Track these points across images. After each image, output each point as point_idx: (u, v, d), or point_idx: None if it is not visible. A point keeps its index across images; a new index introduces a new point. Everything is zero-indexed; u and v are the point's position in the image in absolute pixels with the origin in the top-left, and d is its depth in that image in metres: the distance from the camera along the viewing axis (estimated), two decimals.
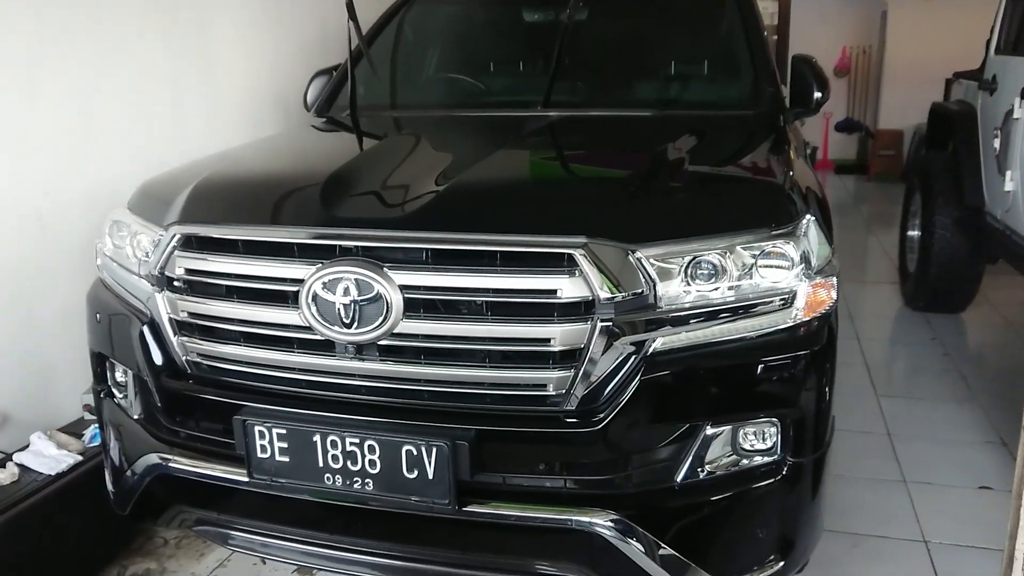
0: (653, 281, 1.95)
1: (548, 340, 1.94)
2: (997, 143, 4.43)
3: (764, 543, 2.12)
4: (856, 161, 12.63)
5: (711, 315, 2.00)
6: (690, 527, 2.05)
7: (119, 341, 2.46)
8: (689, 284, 1.99)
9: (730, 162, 2.53)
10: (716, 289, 2.00)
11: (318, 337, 2.06)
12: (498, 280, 1.94)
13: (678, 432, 2.01)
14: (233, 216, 2.24)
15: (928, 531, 3.07)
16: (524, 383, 1.99)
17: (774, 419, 2.06)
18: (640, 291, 1.94)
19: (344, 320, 2.00)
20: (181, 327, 2.25)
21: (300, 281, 2.04)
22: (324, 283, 2.00)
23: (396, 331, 1.99)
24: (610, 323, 1.92)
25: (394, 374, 2.05)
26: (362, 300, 1.98)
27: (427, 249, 1.99)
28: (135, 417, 2.42)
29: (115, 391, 2.55)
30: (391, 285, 1.97)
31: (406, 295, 1.97)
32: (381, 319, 1.98)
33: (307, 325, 2.05)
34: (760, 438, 2.08)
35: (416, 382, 2.04)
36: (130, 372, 2.43)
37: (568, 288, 1.91)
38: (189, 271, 2.19)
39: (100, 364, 2.57)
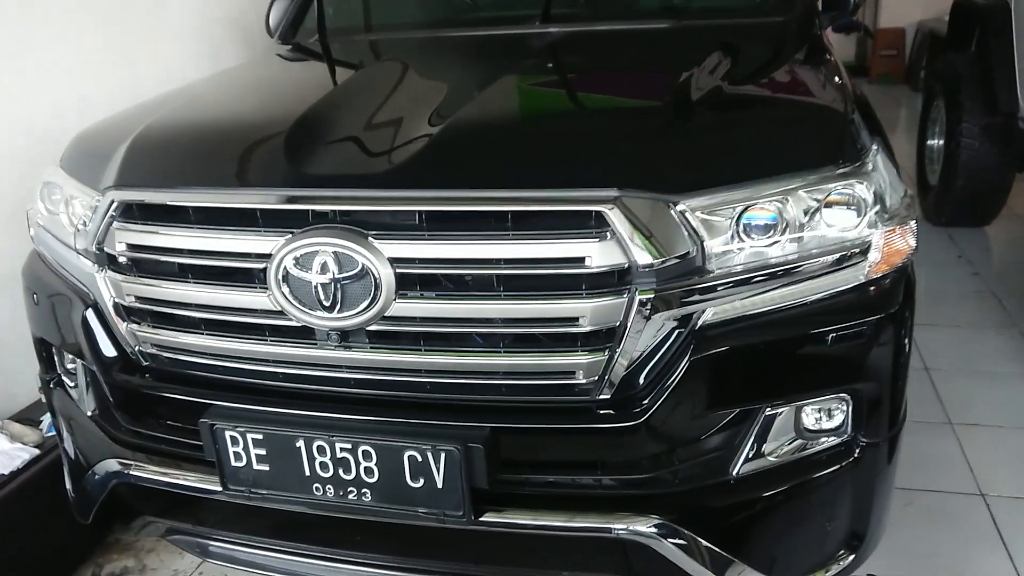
0: (700, 239, 1.58)
1: (575, 319, 1.58)
2: None
3: (832, 537, 1.81)
4: (856, 63, 12.07)
5: (770, 276, 1.64)
6: (748, 526, 1.74)
7: (63, 326, 2.08)
8: (742, 240, 1.62)
9: (774, 84, 2.12)
10: (774, 244, 1.63)
11: (293, 323, 1.70)
12: (511, 248, 1.57)
13: (733, 417, 1.68)
14: (181, 177, 1.84)
15: (984, 482, 2.80)
16: (547, 370, 1.64)
17: (845, 395, 1.72)
18: (685, 252, 1.57)
19: (323, 302, 1.63)
20: (129, 313, 1.87)
21: (267, 256, 1.66)
22: (296, 258, 1.63)
23: (388, 314, 1.63)
24: (651, 294, 1.56)
25: (388, 365, 1.69)
26: (344, 278, 1.61)
27: (421, 212, 1.60)
28: (89, 413, 2.08)
29: (66, 380, 2.20)
30: (379, 258, 1.59)
31: (398, 270, 1.60)
32: (369, 300, 1.61)
33: (279, 309, 1.68)
34: (828, 418, 1.75)
35: (415, 373, 1.69)
36: (78, 361, 2.08)
37: (598, 254, 1.54)
38: (132, 246, 1.81)
39: (45, 350, 2.21)
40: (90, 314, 1.94)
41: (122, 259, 1.83)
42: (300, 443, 1.68)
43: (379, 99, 2.05)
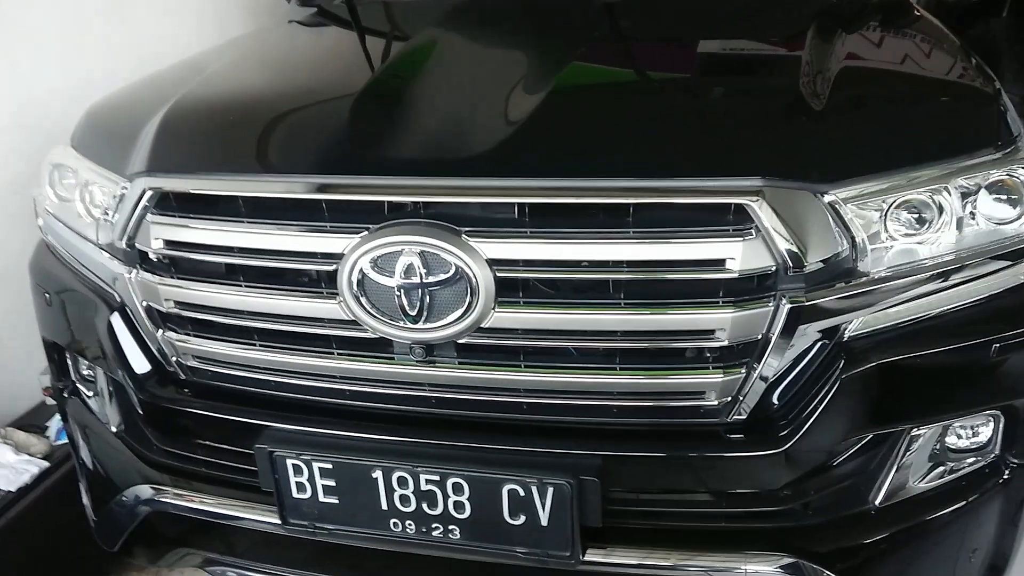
0: (852, 236, 1.35)
1: (711, 332, 1.35)
2: None
3: (972, 567, 1.61)
4: None
5: (926, 278, 1.41)
6: (888, 560, 1.53)
7: (81, 331, 1.82)
8: (894, 236, 1.39)
9: (910, 59, 1.86)
10: (929, 240, 1.41)
11: (369, 335, 1.45)
12: (634, 249, 1.33)
13: (877, 439, 1.46)
14: (228, 161, 1.57)
15: None
16: (672, 391, 1.41)
17: (996, 411, 1.51)
18: (838, 252, 1.34)
19: (407, 311, 1.38)
20: (166, 320, 1.61)
21: (337, 257, 1.41)
22: (374, 259, 1.38)
23: (485, 325, 1.38)
24: (801, 301, 1.33)
25: (480, 383, 1.45)
26: (433, 283, 1.36)
27: (525, 204, 1.35)
28: (113, 429, 1.82)
29: (82, 388, 1.94)
30: (475, 259, 1.34)
31: (498, 273, 1.35)
32: (463, 309, 1.37)
33: (351, 319, 1.44)
34: (974, 436, 1.54)
35: (511, 393, 1.45)
36: (98, 369, 1.82)
37: (742, 256, 1.31)
38: (170, 243, 1.54)
39: (58, 355, 1.94)
40: (116, 320, 1.68)
41: (158, 258, 1.57)
42: (377, 474, 1.44)
43: (454, 70, 1.77)
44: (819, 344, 1.38)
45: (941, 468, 1.53)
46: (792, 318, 1.33)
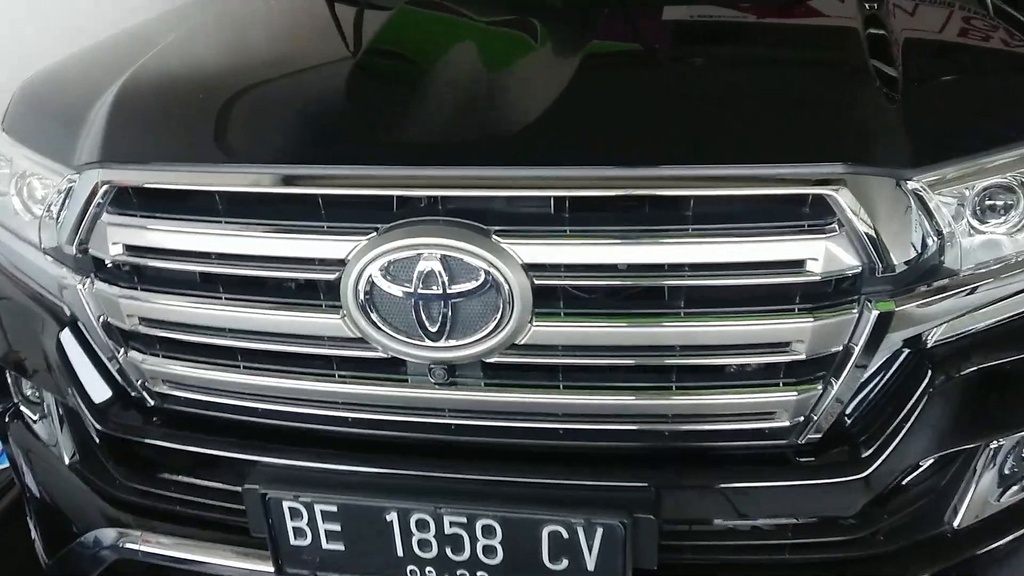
0: (938, 228, 1.17)
1: (786, 344, 1.16)
2: None
3: None
4: None
5: (1018, 274, 1.24)
6: None
7: (22, 347, 1.56)
8: (979, 228, 1.22)
9: (961, 24, 1.66)
10: (1017, 231, 1.24)
11: (378, 354, 1.22)
12: (698, 250, 1.12)
13: (961, 456, 1.30)
14: (201, 148, 1.31)
15: None
16: (735, 412, 1.22)
17: None
18: (926, 247, 1.16)
19: (427, 327, 1.16)
20: (130, 338, 1.36)
21: (339, 263, 1.17)
22: (385, 266, 1.15)
23: (520, 341, 1.17)
24: (890, 306, 1.15)
25: (510, 407, 1.25)
26: (458, 293, 1.14)
27: (569, 199, 1.14)
28: (67, 461, 1.56)
29: (26, 411, 1.68)
30: (509, 264, 1.13)
31: (536, 280, 1.14)
32: (494, 323, 1.15)
33: (357, 336, 1.21)
34: None
35: (547, 418, 1.25)
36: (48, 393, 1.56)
37: (825, 255, 1.11)
38: (131, 248, 1.29)
39: None
40: (67, 337, 1.43)
41: (117, 266, 1.31)
42: (392, 516, 1.23)
43: (474, 36, 1.51)
44: (902, 353, 1.21)
45: (1020, 482, 1.37)
46: (880, 326, 1.15)
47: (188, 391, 1.37)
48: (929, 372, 1.20)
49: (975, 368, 1.22)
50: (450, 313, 1.15)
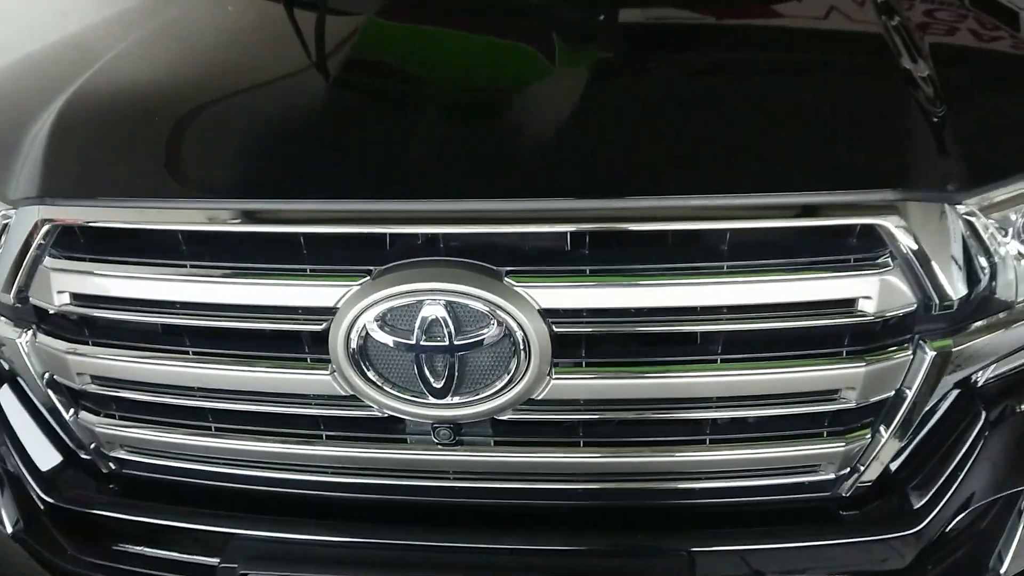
0: (990, 258, 1.07)
1: (834, 392, 1.04)
2: None
3: None
4: None
5: None
6: None
7: None
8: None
9: (973, 25, 1.55)
10: None
11: (373, 413, 1.07)
12: (736, 290, 1.00)
13: (1008, 500, 1.20)
14: (159, 180, 1.14)
15: None
16: (778, 466, 1.10)
17: None
18: (979, 278, 1.06)
19: (431, 383, 1.01)
20: (79, 398, 1.19)
21: (327, 312, 1.02)
22: (381, 314, 1.00)
23: (536, 396, 1.03)
24: (947, 344, 1.04)
25: (527, 469, 1.11)
26: (466, 344, 1.00)
27: (589, 234, 1.00)
28: (9, 530, 1.37)
29: None
30: (526, 311, 0.99)
31: (556, 328, 1.00)
32: (508, 377, 1.01)
33: (347, 394, 1.06)
34: None
35: (568, 478, 1.11)
36: None
37: (879, 292, 0.99)
38: (79, 297, 1.11)
39: None
40: (6, 395, 1.24)
41: (62, 316, 1.14)
42: None
43: (475, 49, 1.35)
44: (950, 394, 1.10)
45: None
46: (936, 367, 1.03)
47: (150, 456, 1.20)
48: (983, 413, 1.10)
49: (1014, 413, 1.12)
50: (457, 366, 1.01)
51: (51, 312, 1.13)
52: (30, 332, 1.16)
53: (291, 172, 1.09)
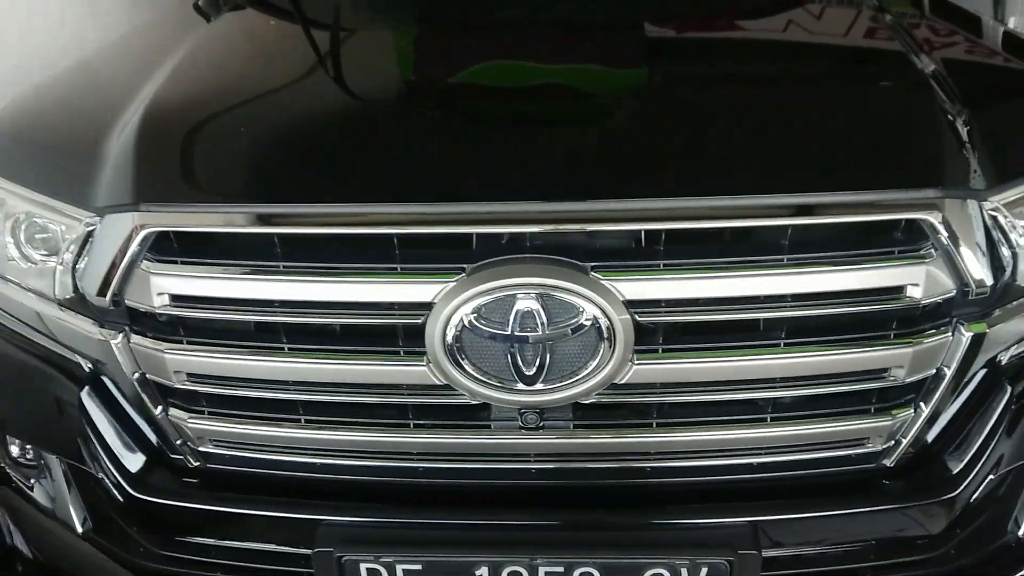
0: (1012, 248, 1.20)
1: (885, 371, 1.16)
2: None
3: None
4: None
5: None
6: None
7: (19, 410, 1.41)
8: None
9: (971, 41, 1.70)
10: None
11: (465, 401, 1.15)
12: (798, 280, 1.11)
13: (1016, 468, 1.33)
14: (258, 186, 1.21)
15: None
16: (831, 440, 1.21)
17: None
18: (1004, 267, 1.19)
19: (523, 371, 1.10)
20: (169, 396, 1.24)
21: (423, 307, 1.10)
22: (478, 308, 1.08)
23: (620, 380, 1.12)
24: (982, 327, 1.16)
25: (604, 449, 1.20)
26: (557, 334, 1.09)
27: (665, 232, 1.10)
28: (80, 530, 1.41)
29: (15, 475, 1.51)
30: (612, 302, 1.08)
31: (638, 318, 1.10)
32: (595, 363, 1.10)
33: (442, 383, 1.14)
34: None
35: (640, 457, 1.21)
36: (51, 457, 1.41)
37: (925, 279, 1.11)
38: (179, 299, 1.17)
39: None
40: (89, 397, 1.29)
41: (156, 316, 1.19)
42: (483, 571, 1.16)
43: (555, 64, 1.43)
44: (984, 373, 1.23)
45: None
46: (973, 347, 1.16)
47: (238, 449, 1.26)
48: (1008, 388, 1.22)
49: None
50: (548, 355, 1.09)
51: (147, 314, 1.19)
52: (122, 334, 1.21)
53: (389, 176, 1.17)
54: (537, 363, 1.10)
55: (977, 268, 1.12)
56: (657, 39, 1.58)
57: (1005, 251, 1.18)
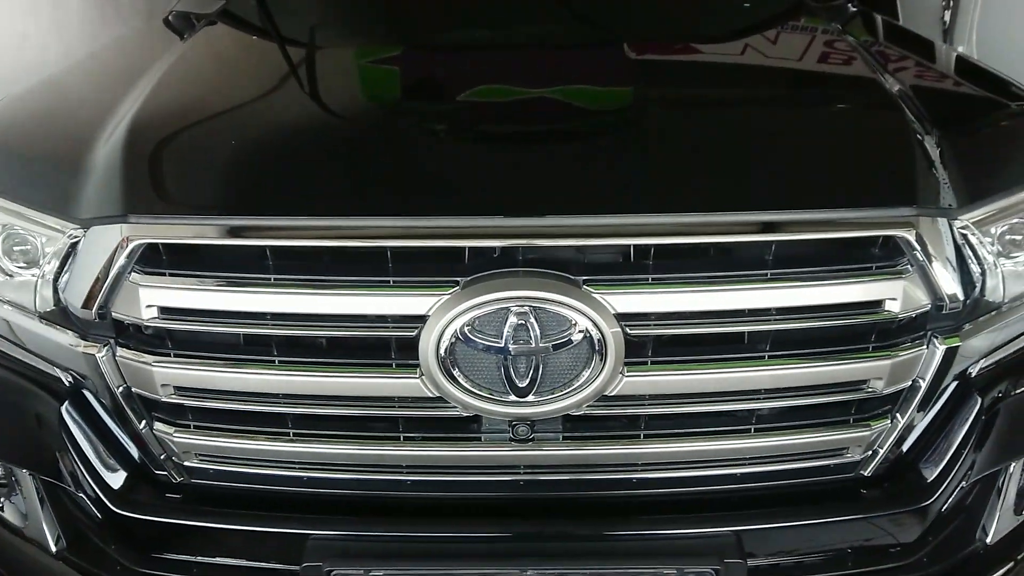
0: (981, 264, 1.25)
1: (864, 382, 1.19)
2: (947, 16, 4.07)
3: None
4: None
5: None
6: None
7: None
8: (1010, 262, 1.31)
9: (937, 71, 1.77)
10: None
11: (455, 413, 1.16)
12: (778, 294, 1.14)
13: (996, 475, 1.38)
14: (249, 198, 1.21)
15: None
16: (811, 450, 1.24)
17: None
18: (974, 282, 1.24)
19: (516, 383, 1.11)
20: (154, 409, 1.23)
21: (416, 320, 1.11)
22: (471, 321, 1.09)
23: (610, 392, 1.14)
24: (955, 341, 1.21)
25: (592, 461, 1.22)
26: (550, 346, 1.10)
27: (654, 247, 1.13)
28: (53, 548, 1.38)
29: None
30: (604, 315, 1.10)
31: (629, 331, 1.12)
32: (586, 376, 1.12)
33: (434, 396, 1.14)
34: None
35: (628, 468, 1.23)
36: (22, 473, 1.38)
37: (903, 294, 1.16)
38: (167, 311, 1.16)
39: None
40: (69, 412, 1.27)
41: (151, 330, 1.18)
42: None
43: (546, 80, 1.46)
44: (956, 384, 1.28)
45: None
46: (946, 360, 1.20)
47: (225, 463, 1.25)
48: (978, 399, 1.27)
49: (1013, 394, 1.30)
50: (541, 367, 1.11)
51: (133, 326, 1.18)
52: (107, 347, 1.19)
53: (381, 190, 1.18)
54: (530, 376, 1.11)
55: (949, 283, 1.17)
56: (646, 60, 1.62)
57: (975, 267, 1.24)
